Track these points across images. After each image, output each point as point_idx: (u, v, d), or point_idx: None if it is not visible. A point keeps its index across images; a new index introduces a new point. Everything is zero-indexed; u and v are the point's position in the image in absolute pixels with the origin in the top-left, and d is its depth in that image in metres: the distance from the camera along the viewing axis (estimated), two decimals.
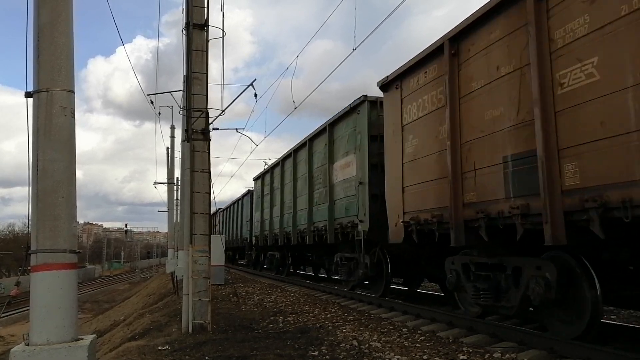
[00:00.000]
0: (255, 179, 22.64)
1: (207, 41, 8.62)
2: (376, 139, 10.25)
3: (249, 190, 26.03)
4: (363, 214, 10.36)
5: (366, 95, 10.67)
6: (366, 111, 10.59)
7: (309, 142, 14.29)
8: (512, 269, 6.61)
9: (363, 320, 8.52)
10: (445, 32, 7.40)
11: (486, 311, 7.50)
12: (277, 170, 18.08)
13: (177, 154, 29.00)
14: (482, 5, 6.63)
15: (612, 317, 9.08)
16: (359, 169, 10.75)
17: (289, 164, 16.48)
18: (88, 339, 4.26)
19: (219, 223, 37.12)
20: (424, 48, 7.95)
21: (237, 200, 30.32)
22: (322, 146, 13.29)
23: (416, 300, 10.88)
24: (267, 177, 19.82)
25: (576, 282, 5.81)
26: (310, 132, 14.27)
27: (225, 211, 35.24)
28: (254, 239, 22.86)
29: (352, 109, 11.18)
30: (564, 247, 5.52)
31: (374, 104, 10.57)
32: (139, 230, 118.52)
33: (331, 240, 12.31)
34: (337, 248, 12.77)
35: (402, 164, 8.57)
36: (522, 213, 5.75)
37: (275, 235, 18.07)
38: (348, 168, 11.51)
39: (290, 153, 16.17)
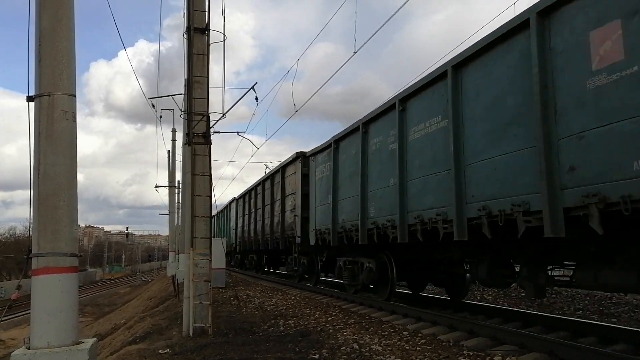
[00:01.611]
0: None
1: (208, 45, 8.65)
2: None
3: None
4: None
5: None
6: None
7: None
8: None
9: (364, 324, 8.52)
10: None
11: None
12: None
13: (179, 157, 29.08)
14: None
15: (612, 320, 9.07)
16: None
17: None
18: (89, 342, 4.27)
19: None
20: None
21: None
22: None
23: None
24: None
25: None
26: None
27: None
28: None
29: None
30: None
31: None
32: (140, 233, 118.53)
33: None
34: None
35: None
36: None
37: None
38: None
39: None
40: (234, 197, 30.94)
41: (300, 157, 15.79)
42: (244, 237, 25.63)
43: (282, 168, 18.30)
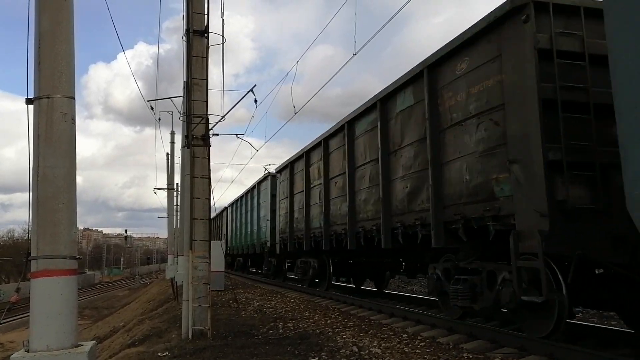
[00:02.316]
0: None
1: (208, 47, 8.65)
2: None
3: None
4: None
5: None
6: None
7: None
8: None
9: (363, 326, 8.51)
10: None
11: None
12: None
13: (177, 160, 29.01)
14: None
15: (612, 322, 9.06)
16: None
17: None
18: (88, 345, 4.26)
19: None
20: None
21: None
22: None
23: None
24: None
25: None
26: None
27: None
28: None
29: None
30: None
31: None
32: (138, 236, 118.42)
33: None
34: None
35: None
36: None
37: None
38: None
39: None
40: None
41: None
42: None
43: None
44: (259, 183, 22.11)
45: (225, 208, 33.39)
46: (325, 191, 12.60)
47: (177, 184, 30.94)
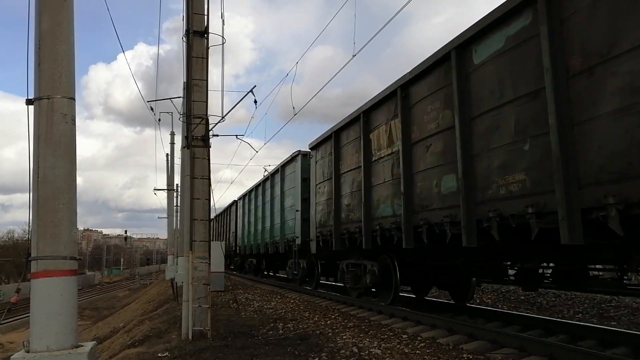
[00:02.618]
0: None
1: (207, 48, 8.65)
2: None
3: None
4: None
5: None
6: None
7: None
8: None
9: (363, 327, 8.50)
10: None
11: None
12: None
13: (177, 161, 28.99)
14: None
15: (612, 323, 9.07)
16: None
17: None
18: (88, 345, 4.26)
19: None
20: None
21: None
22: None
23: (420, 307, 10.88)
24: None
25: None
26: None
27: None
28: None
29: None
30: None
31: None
32: (138, 236, 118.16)
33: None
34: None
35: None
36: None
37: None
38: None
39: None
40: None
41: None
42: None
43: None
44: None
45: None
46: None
47: (177, 184, 30.94)
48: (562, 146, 5.22)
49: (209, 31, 8.67)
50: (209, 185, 8.52)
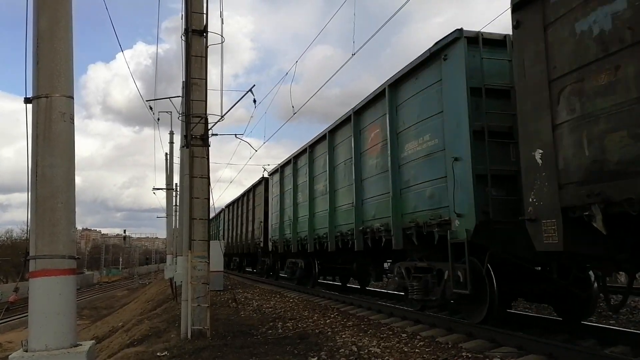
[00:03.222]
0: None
1: (206, 47, 8.64)
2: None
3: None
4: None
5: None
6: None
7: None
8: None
9: (362, 326, 8.50)
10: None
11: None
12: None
13: (176, 160, 28.95)
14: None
15: (610, 322, 9.07)
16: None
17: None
18: (87, 345, 4.25)
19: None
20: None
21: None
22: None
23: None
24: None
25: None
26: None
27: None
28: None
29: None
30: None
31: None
32: (137, 236, 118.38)
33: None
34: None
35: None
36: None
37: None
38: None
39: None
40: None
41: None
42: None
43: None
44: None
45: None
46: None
47: (176, 184, 30.92)
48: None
49: (208, 30, 8.66)
50: (208, 184, 8.51)
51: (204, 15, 8.64)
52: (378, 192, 9.91)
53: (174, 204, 31.25)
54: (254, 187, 23.09)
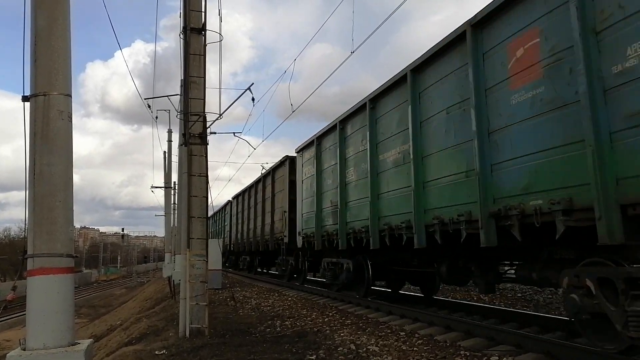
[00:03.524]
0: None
1: (205, 45, 8.63)
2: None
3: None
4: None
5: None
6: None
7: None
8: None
9: (361, 324, 8.51)
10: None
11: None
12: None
13: (175, 158, 28.94)
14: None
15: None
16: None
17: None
18: (85, 343, 4.25)
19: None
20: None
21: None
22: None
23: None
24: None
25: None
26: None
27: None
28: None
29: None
30: None
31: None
32: (135, 234, 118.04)
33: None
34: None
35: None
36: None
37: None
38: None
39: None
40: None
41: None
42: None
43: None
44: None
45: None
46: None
47: (174, 182, 30.90)
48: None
49: (207, 28, 8.64)
50: (207, 182, 8.50)
51: (203, 13, 8.62)
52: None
53: (172, 202, 31.24)
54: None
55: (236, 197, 27.65)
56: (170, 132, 30.38)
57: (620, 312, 4.98)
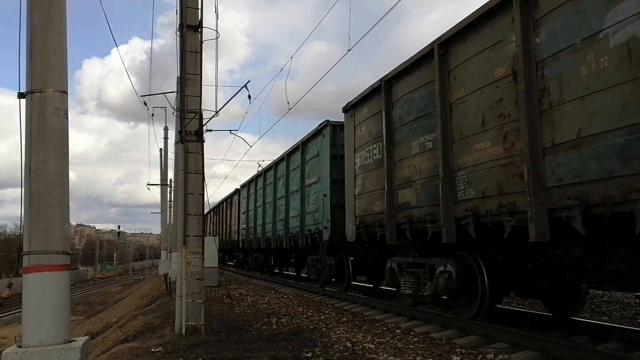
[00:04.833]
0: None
1: (201, 42, 8.61)
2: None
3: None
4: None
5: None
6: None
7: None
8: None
9: (357, 322, 8.52)
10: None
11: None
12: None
13: (171, 156, 28.89)
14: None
15: (604, 318, 9.14)
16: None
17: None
18: (81, 340, 4.25)
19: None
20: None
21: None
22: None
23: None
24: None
25: None
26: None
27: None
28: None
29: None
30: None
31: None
32: (131, 232, 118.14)
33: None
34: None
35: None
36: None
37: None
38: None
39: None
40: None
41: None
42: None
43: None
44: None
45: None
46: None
47: (170, 179, 30.88)
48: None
49: (203, 25, 8.62)
50: (203, 180, 8.49)
51: (199, 10, 8.59)
52: None
53: (168, 200, 31.24)
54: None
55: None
56: (166, 129, 30.38)
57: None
